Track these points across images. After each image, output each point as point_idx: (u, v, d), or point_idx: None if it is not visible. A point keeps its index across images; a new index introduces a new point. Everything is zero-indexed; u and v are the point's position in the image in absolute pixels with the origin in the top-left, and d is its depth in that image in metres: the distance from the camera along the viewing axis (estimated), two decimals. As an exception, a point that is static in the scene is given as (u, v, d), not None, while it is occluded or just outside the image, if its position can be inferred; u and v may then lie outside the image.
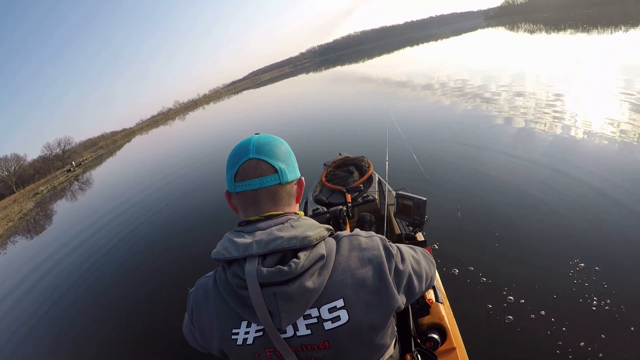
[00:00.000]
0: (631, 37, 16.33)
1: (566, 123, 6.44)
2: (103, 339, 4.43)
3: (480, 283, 3.09)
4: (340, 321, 0.80)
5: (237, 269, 0.81)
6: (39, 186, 38.85)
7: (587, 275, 2.90)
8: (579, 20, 31.15)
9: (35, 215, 19.51)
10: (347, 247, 0.88)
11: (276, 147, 0.94)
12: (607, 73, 9.61)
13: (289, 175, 0.93)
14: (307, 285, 0.78)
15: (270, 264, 0.79)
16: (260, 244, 0.81)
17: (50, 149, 66.97)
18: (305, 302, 0.79)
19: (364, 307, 0.82)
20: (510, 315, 2.71)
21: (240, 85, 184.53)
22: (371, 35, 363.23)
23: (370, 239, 0.92)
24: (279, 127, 15.33)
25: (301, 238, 0.81)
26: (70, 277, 6.86)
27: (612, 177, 4.28)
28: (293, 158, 0.99)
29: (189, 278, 4.72)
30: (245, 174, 0.90)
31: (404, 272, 0.91)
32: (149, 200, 10.53)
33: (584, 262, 3.03)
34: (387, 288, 0.85)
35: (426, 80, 16.33)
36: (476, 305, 2.86)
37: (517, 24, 51.85)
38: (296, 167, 0.99)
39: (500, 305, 2.82)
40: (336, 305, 0.81)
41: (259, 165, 0.90)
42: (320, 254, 0.82)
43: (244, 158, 0.90)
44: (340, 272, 0.83)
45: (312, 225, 0.88)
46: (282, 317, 0.78)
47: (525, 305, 2.77)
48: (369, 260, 0.86)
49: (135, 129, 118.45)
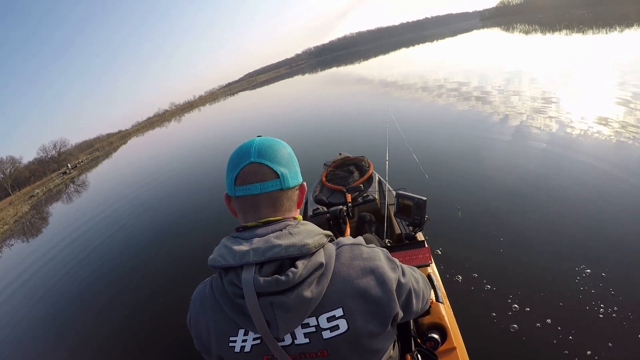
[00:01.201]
0: (627, 37, 16.42)
1: (572, 123, 6.38)
2: (101, 340, 4.41)
3: (485, 290, 3.01)
4: (339, 330, 0.79)
5: (233, 277, 0.80)
6: (34, 189, 38.65)
7: (593, 282, 2.83)
8: (575, 21, 31.30)
9: (31, 218, 19.37)
10: (349, 255, 0.86)
11: (279, 151, 0.92)
12: (604, 71, 9.62)
13: (291, 181, 0.91)
14: (305, 295, 0.77)
15: (268, 273, 0.78)
16: (257, 252, 0.79)
17: (45, 151, 66.79)
18: (303, 311, 0.78)
19: (363, 317, 0.81)
20: (515, 324, 2.64)
21: (236, 87, 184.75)
22: (367, 37, 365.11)
23: (373, 250, 0.90)
24: (279, 128, 15.35)
25: (299, 246, 0.79)
26: (68, 279, 6.84)
27: (619, 179, 4.22)
28: (295, 162, 0.97)
29: (187, 279, 4.79)
30: (246, 178, 0.88)
31: (405, 285, 0.91)
32: (148, 201, 10.53)
33: (590, 268, 2.97)
34: (389, 299, 0.84)
35: (425, 80, 16.29)
36: (480, 314, 2.79)
37: (512, 25, 52.09)
38: (298, 172, 0.97)
39: (505, 313, 2.75)
40: (335, 314, 0.79)
41: (260, 170, 0.88)
42: (319, 262, 0.80)
43: (245, 161, 0.88)
44: (340, 281, 0.81)
45: (310, 231, 0.85)
46: (279, 327, 0.77)
47: (530, 313, 2.70)
48: (370, 270, 0.84)
49: (131, 131, 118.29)
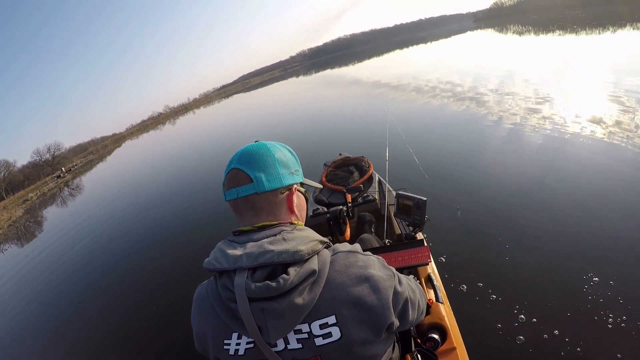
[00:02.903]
0: (620, 36, 16.57)
1: (579, 120, 6.35)
2: (101, 340, 4.43)
3: (490, 301, 2.91)
4: (332, 338, 0.79)
5: (227, 281, 0.81)
6: (28, 192, 38.47)
7: (601, 291, 2.74)
8: (568, 22, 31.51)
9: (25, 222, 19.29)
10: (344, 263, 0.85)
11: (260, 157, 0.92)
12: (603, 71, 9.63)
13: (267, 184, 0.90)
14: (297, 302, 0.76)
15: (259, 278, 0.78)
16: (250, 256, 0.79)
17: (40, 155, 66.67)
18: (295, 318, 0.78)
19: (357, 325, 0.80)
20: (522, 335, 2.55)
21: (230, 89, 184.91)
22: (361, 39, 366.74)
23: (368, 258, 0.89)
24: (279, 128, 15.47)
25: (292, 252, 0.79)
26: (65, 281, 6.88)
27: (629, 181, 4.15)
28: (280, 166, 0.94)
29: (187, 280, 4.72)
30: (228, 184, 0.91)
31: (402, 294, 0.91)
32: (146, 202, 10.62)
33: (598, 275, 2.88)
34: (383, 308, 0.83)
35: (422, 81, 16.26)
36: (485, 326, 2.69)
37: (506, 26, 52.42)
38: (282, 175, 0.93)
39: (511, 324, 2.66)
40: (327, 321, 0.79)
41: (238, 175, 0.90)
42: (312, 270, 0.79)
43: (229, 168, 0.93)
44: (334, 288, 0.81)
45: (305, 238, 0.85)
46: (270, 333, 0.77)
47: (537, 324, 2.61)
48: (365, 278, 0.83)
49: (125, 134, 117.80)
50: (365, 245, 2.17)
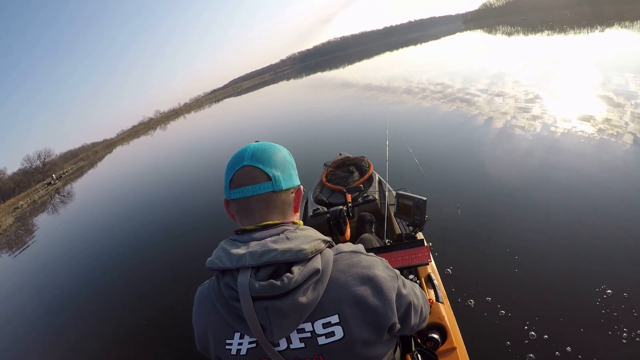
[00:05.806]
0: (609, 35, 16.74)
1: (584, 122, 6.26)
2: (100, 341, 4.43)
3: (499, 317, 2.77)
4: (335, 337, 0.79)
5: (230, 280, 0.80)
6: (19, 200, 37.89)
7: (615, 304, 2.62)
8: (557, 22, 31.82)
9: (16, 231, 19.02)
10: (347, 262, 0.85)
11: (272, 155, 0.92)
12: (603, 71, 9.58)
13: (284, 183, 0.90)
14: (301, 300, 0.76)
15: (263, 277, 0.78)
16: (253, 255, 0.79)
17: (30, 162, 65.77)
18: (298, 317, 0.78)
19: (359, 325, 0.80)
20: (532, 353, 2.42)
21: (221, 94, 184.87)
22: (351, 41, 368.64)
23: (372, 258, 0.89)
24: (279, 128, 15.57)
25: (295, 251, 0.79)
26: (63, 284, 6.93)
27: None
28: (290, 166, 0.96)
29: (187, 280, 4.75)
30: (239, 181, 0.89)
31: (406, 297, 0.92)
32: (143, 204, 10.70)
33: (611, 287, 2.75)
34: (385, 308, 0.84)
35: (423, 82, 16.22)
36: (494, 344, 2.56)
37: (495, 27, 52.84)
38: (294, 176, 0.96)
39: (522, 342, 2.52)
40: (331, 321, 0.79)
41: (253, 172, 0.88)
42: (315, 268, 0.80)
43: (239, 165, 0.90)
44: (337, 288, 0.81)
45: (308, 237, 0.85)
46: (274, 332, 0.77)
47: (549, 341, 2.48)
48: (368, 278, 0.84)
49: (116, 140, 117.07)
50: (366, 245, 2.16)
